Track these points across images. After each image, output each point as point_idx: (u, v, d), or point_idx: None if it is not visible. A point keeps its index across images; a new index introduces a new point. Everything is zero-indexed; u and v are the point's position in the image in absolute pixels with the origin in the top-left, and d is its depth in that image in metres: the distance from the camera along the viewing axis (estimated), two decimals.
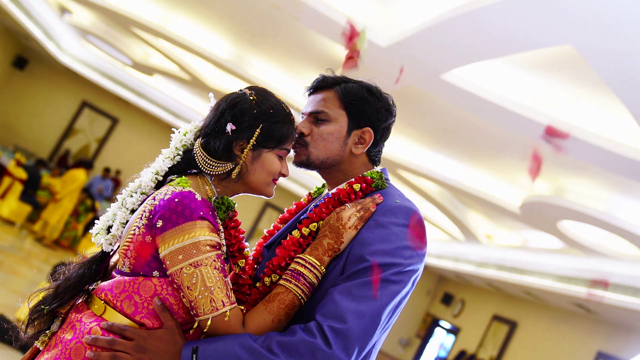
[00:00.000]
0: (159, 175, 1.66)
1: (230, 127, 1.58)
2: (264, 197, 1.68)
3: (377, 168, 1.78)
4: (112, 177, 13.25)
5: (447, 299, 13.43)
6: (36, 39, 10.76)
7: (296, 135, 1.69)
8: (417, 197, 8.85)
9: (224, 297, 1.44)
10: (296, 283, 1.51)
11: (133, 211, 1.64)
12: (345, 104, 1.70)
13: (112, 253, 1.67)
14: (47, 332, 1.62)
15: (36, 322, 1.62)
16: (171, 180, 1.60)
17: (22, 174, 10.18)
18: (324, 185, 1.86)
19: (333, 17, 4.67)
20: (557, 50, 3.84)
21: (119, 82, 12.94)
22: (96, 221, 1.71)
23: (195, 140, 1.67)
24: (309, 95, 1.78)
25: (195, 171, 1.66)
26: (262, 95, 1.64)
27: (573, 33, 3.37)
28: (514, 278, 8.88)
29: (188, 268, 1.44)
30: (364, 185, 1.67)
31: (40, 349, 1.60)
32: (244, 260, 1.72)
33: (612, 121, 4.37)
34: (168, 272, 1.47)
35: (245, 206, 14.05)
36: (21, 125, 13.95)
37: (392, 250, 1.51)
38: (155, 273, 1.50)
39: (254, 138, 1.59)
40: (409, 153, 7.47)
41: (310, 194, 1.90)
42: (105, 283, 1.56)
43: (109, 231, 1.67)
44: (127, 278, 1.52)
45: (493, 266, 9.55)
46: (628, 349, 8.40)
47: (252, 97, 1.63)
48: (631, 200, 5.60)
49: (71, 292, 1.61)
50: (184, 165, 1.66)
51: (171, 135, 1.70)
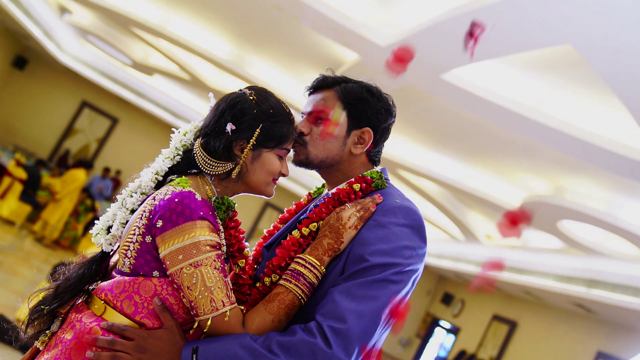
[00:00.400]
0: (158, 175, 1.66)
1: (230, 127, 1.58)
2: (264, 197, 1.68)
3: (377, 168, 1.78)
4: (112, 177, 13.24)
5: (447, 299, 13.43)
6: (36, 38, 10.76)
7: (296, 135, 1.69)
8: (417, 197, 8.85)
9: (224, 297, 1.44)
10: (296, 283, 1.51)
11: (133, 211, 1.64)
12: (345, 103, 1.70)
13: (112, 253, 1.67)
14: (47, 332, 1.62)
15: (36, 322, 1.62)
16: (171, 180, 1.60)
17: (22, 174, 10.18)
18: (323, 185, 1.86)
19: (333, 17, 4.67)
20: (557, 50, 3.84)
21: (118, 82, 12.94)
22: (96, 221, 1.71)
23: (195, 140, 1.67)
24: (309, 95, 1.78)
25: (195, 171, 1.65)
26: (262, 95, 1.64)
27: (573, 33, 3.37)
28: (514, 278, 8.88)
29: (188, 268, 1.44)
30: (364, 185, 1.67)
31: (40, 349, 1.60)
32: (244, 260, 1.71)
33: (612, 121, 4.37)
34: (168, 272, 1.47)
35: (245, 206, 14.05)
36: (21, 125, 13.95)
37: (392, 250, 1.51)
38: (155, 273, 1.50)
39: (254, 138, 1.59)
40: (409, 153, 7.47)
41: (310, 194, 1.90)
42: (105, 283, 1.56)
43: (109, 231, 1.67)
44: (127, 278, 1.52)
45: None
46: (628, 349, 8.40)
47: (252, 97, 1.63)
48: (631, 200, 5.59)
49: (71, 292, 1.61)
50: (184, 165, 1.66)
51: (171, 135, 1.70)
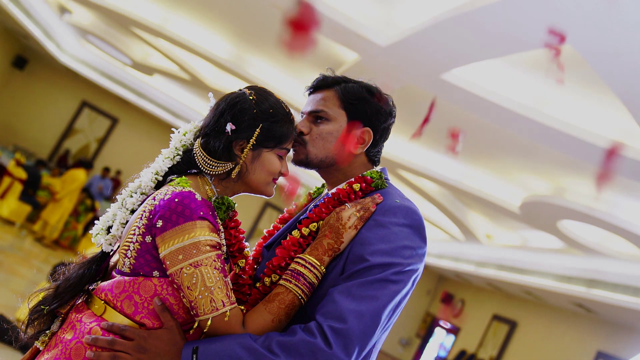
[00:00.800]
0: (158, 176, 1.66)
1: (230, 127, 1.58)
2: (264, 196, 1.68)
3: (377, 168, 1.77)
4: (112, 177, 13.24)
5: (447, 299, 13.43)
6: (36, 38, 10.75)
7: (295, 135, 1.69)
8: (417, 197, 8.85)
9: (224, 297, 1.44)
10: (296, 283, 1.51)
11: (133, 211, 1.64)
12: (345, 103, 1.70)
13: (112, 253, 1.67)
14: (47, 332, 1.62)
15: (36, 322, 1.62)
16: (171, 180, 1.60)
17: (22, 173, 10.18)
18: (323, 185, 1.86)
19: (333, 17, 4.67)
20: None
21: (118, 82, 12.93)
22: (96, 221, 1.71)
23: (195, 140, 1.67)
24: (309, 94, 1.78)
25: (195, 171, 1.65)
26: (261, 94, 1.64)
27: (573, 33, 3.37)
28: (514, 278, 8.89)
29: (188, 268, 1.44)
30: (364, 185, 1.67)
31: (40, 349, 1.60)
32: (244, 260, 1.71)
33: (612, 121, 4.37)
34: (168, 272, 1.47)
35: (245, 206, 14.04)
36: (21, 125, 13.94)
37: (392, 249, 1.51)
38: (156, 273, 1.50)
39: (254, 138, 1.59)
40: (409, 153, 7.47)
41: (310, 194, 1.90)
42: (105, 283, 1.56)
43: (109, 231, 1.67)
44: (127, 278, 1.51)
45: (493, 266, 9.54)
46: (628, 349, 8.40)
47: (251, 97, 1.62)
48: (631, 200, 5.59)
49: (71, 292, 1.61)
50: (184, 165, 1.66)
51: (171, 135, 1.70)
